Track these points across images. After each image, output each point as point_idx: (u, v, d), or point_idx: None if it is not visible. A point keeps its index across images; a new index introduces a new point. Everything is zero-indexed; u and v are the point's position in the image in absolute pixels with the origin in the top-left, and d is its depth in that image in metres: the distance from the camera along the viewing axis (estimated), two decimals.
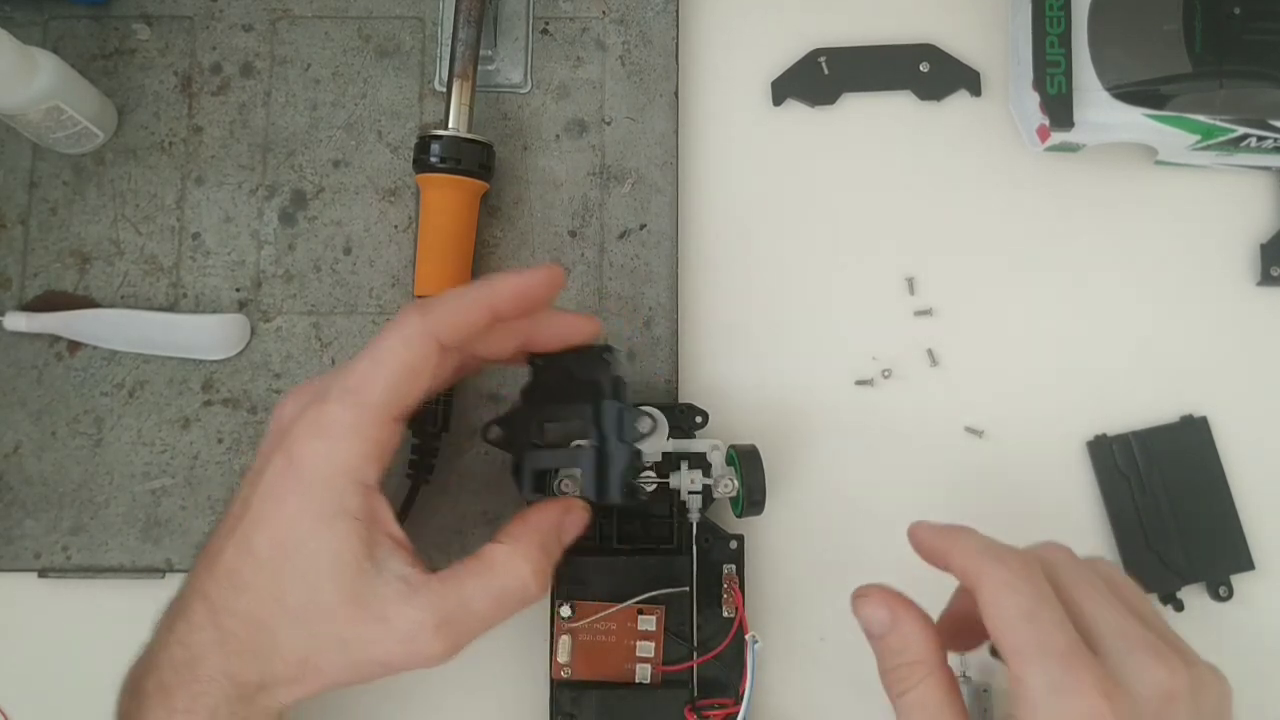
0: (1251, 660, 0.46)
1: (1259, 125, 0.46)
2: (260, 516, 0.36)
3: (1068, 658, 0.33)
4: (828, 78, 0.51)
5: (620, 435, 0.39)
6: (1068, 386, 0.49)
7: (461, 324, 0.37)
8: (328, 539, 0.35)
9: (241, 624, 0.35)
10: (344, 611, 0.35)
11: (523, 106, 0.50)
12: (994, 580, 0.35)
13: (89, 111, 0.47)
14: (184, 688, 0.35)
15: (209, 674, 0.35)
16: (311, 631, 0.35)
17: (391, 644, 0.35)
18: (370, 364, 0.36)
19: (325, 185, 0.49)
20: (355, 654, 0.35)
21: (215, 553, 0.37)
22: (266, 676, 0.35)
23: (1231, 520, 0.47)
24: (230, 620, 0.35)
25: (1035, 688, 0.33)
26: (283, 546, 0.35)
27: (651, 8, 0.50)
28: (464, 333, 0.37)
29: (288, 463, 0.35)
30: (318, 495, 0.35)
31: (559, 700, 0.43)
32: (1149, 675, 0.34)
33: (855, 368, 0.49)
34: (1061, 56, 0.46)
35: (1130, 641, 0.35)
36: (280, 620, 0.35)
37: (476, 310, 0.37)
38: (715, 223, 0.50)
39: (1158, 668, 0.34)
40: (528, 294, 0.38)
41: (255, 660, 0.35)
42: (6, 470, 0.47)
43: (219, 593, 0.36)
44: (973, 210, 0.50)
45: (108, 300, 0.48)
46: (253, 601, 0.35)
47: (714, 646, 0.43)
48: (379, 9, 0.50)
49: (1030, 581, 0.35)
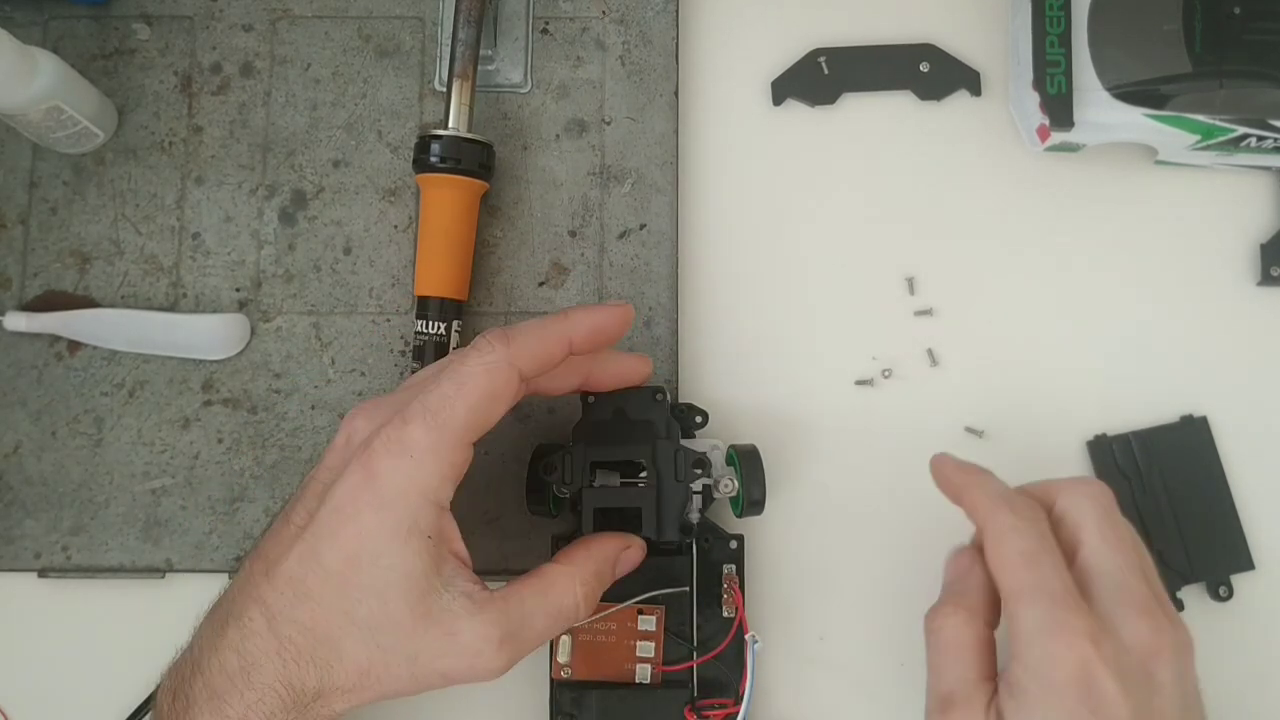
0: (1252, 660, 0.46)
1: (1259, 125, 0.46)
2: (331, 528, 0.36)
3: (1060, 601, 0.35)
4: (828, 78, 0.51)
5: (676, 475, 0.41)
6: (1068, 386, 0.49)
7: (541, 356, 0.38)
8: (401, 555, 0.35)
9: (302, 633, 0.35)
10: (413, 625, 0.35)
11: (523, 106, 0.50)
12: (999, 523, 0.37)
13: (89, 111, 0.47)
14: (238, 694, 0.35)
15: (266, 682, 0.35)
16: (378, 644, 0.35)
17: (456, 657, 0.36)
18: (454, 387, 0.36)
19: (325, 185, 0.49)
20: (421, 666, 0.36)
21: (274, 560, 0.37)
22: (325, 686, 0.36)
23: (1231, 520, 0.47)
24: (291, 629, 0.35)
25: (1027, 627, 0.35)
26: (354, 559, 0.35)
27: (651, 8, 0.50)
28: (543, 365, 0.38)
29: (366, 478, 0.36)
30: (395, 512, 0.35)
31: (559, 700, 0.43)
32: (1136, 628, 0.35)
33: (855, 368, 0.49)
34: (1061, 56, 0.46)
35: (1123, 594, 0.36)
36: (346, 632, 0.35)
37: (556, 343, 0.38)
38: (715, 223, 0.50)
39: (1145, 622, 0.36)
40: (604, 329, 0.39)
41: (314, 670, 0.35)
42: (6, 470, 0.47)
43: (279, 601, 0.36)
44: (973, 210, 0.50)
45: (108, 300, 0.48)
46: (316, 612, 0.35)
47: (714, 646, 0.43)
48: (379, 9, 0.50)
49: (1034, 526, 0.37)
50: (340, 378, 0.48)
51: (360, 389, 0.48)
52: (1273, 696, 0.46)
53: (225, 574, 0.46)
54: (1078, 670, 0.34)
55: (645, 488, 0.41)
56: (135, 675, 0.46)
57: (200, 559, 0.46)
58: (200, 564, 0.46)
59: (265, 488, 0.47)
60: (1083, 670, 0.34)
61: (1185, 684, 0.36)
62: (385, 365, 0.48)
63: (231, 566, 0.46)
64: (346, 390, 0.48)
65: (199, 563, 0.46)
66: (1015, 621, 0.36)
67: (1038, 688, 0.35)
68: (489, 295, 0.48)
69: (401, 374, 0.48)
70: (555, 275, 0.48)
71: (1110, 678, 0.34)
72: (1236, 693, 0.46)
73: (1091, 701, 0.34)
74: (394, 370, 0.48)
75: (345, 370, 0.48)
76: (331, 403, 0.47)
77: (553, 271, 0.48)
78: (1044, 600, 0.35)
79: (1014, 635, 0.36)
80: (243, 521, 0.47)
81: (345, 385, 0.48)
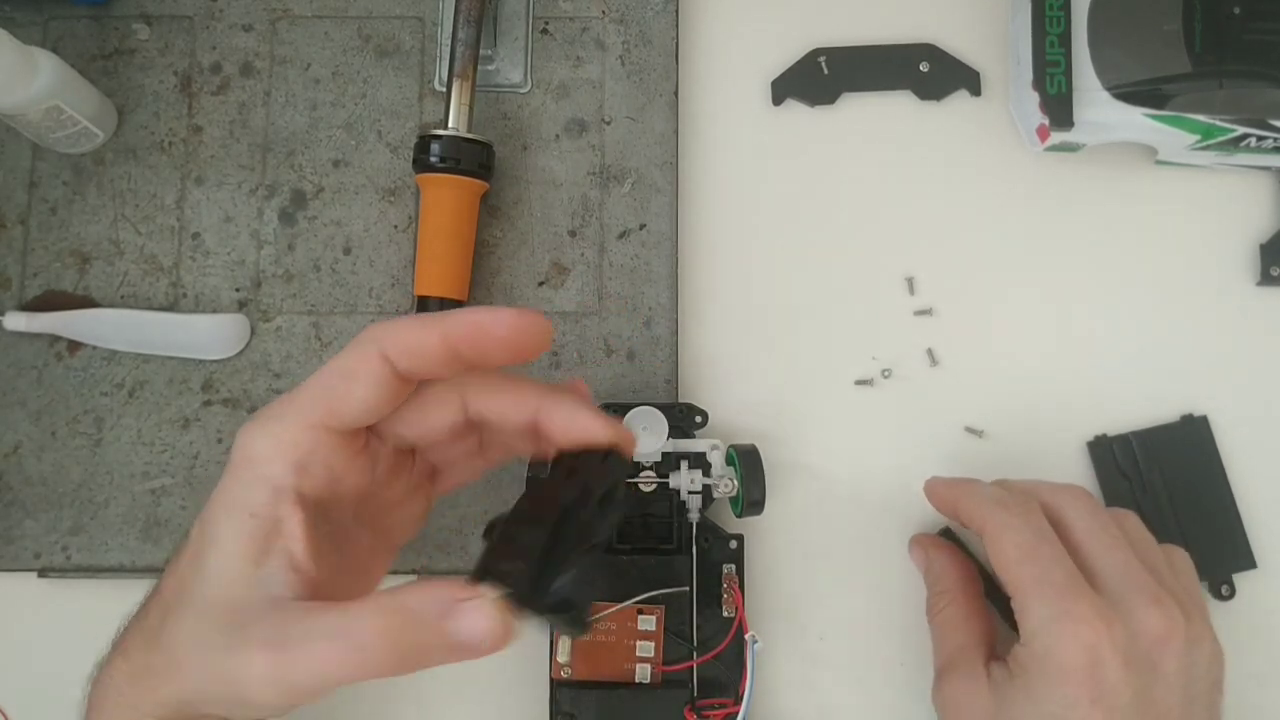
0: (1254, 659, 0.46)
1: (1259, 125, 0.46)
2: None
3: (1066, 589, 0.36)
4: (828, 77, 0.51)
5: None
6: (1068, 386, 0.48)
7: (412, 341, 0.33)
8: (225, 527, 0.32)
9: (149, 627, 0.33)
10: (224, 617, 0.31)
11: (522, 106, 0.50)
12: (997, 524, 0.38)
13: (89, 111, 0.47)
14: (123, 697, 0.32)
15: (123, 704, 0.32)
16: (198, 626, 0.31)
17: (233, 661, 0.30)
18: (314, 374, 0.33)
19: (325, 185, 0.49)
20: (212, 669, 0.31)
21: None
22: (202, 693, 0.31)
23: (1233, 519, 0.47)
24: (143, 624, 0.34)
25: (1036, 618, 0.36)
26: (200, 535, 0.33)
27: (651, 8, 0.50)
28: (413, 351, 0.33)
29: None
30: (227, 482, 0.32)
31: (559, 700, 0.43)
32: (1145, 615, 0.36)
33: (855, 368, 0.49)
34: (1061, 56, 0.46)
35: (1131, 583, 0.37)
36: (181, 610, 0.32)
37: (428, 333, 0.33)
38: (715, 223, 0.50)
39: (1154, 609, 0.36)
40: (486, 329, 0.33)
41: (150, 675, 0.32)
42: (6, 470, 0.47)
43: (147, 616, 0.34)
44: (973, 210, 0.50)
45: (108, 300, 0.48)
46: (165, 591, 0.33)
47: (714, 646, 0.43)
48: (379, 9, 0.50)
49: (1030, 523, 0.38)
50: None
51: None
52: (1275, 695, 0.46)
53: None
54: (1087, 654, 0.35)
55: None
56: None
57: None
58: None
59: None
60: (1092, 654, 0.35)
61: (1192, 676, 0.36)
62: None
63: None
64: None
65: None
66: (1024, 616, 0.36)
67: (1044, 671, 0.35)
68: (489, 295, 0.48)
69: None
70: (555, 275, 0.48)
71: (1117, 662, 0.35)
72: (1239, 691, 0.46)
73: (1094, 685, 0.34)
74: None
75: None
76: None
77: (553, 271, 0.48)
78: (1050, 592, 0.36)
79: (1024, 628, 0.37)
80: None
81: None
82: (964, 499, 0.41)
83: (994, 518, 0.38)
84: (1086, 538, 0.38)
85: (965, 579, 0.43)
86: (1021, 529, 0.38)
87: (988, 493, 0.40)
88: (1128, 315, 0.49)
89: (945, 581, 0.43)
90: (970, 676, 0.39)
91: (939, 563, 0.43)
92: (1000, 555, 0.38)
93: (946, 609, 0.42)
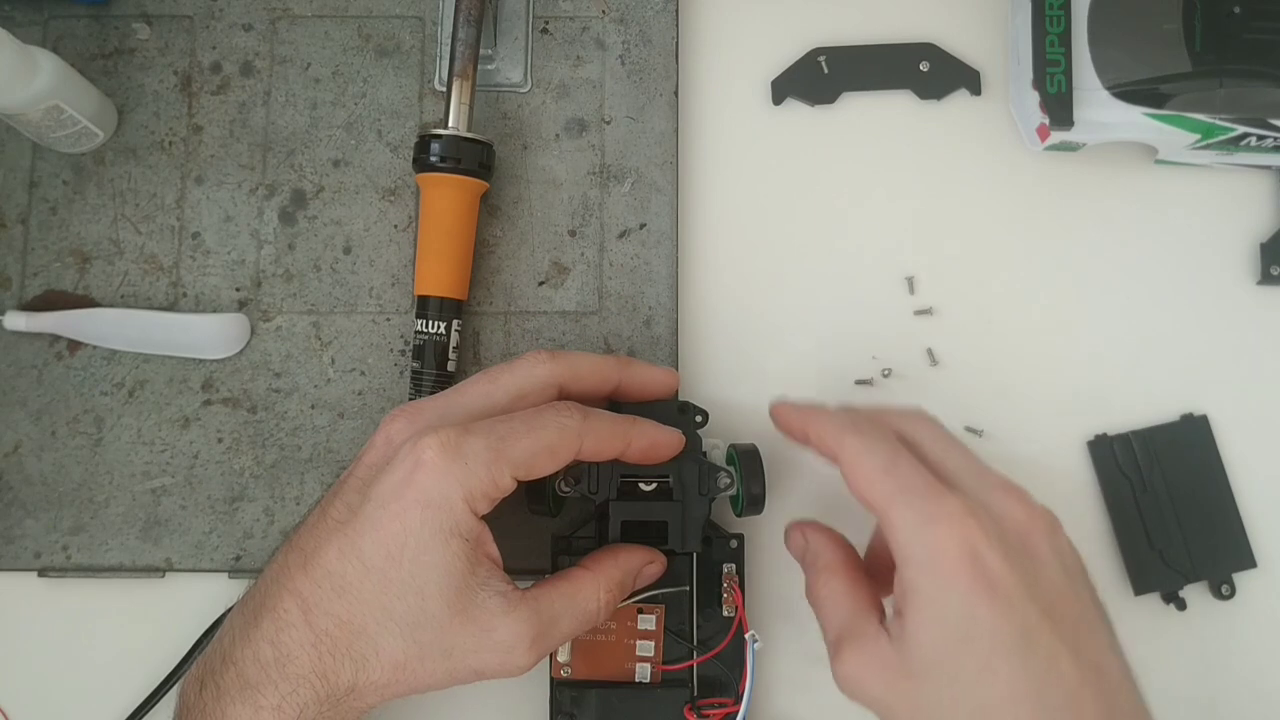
0: (1255, 658, 0.46)
1: (1259, 124, 0.46)
2: (374, 524, 0.36)
3: (929, 492, 0.36)
4: (828, 77, 0.51)
5: (700, 490, 0.42)
6: (1068, 386, 0.48)
7: (604, 445, 0.39)
8: (442, 553, 0.36)
9: (339, 627, 0.36)
10: (450, 622, 0.36)
11: (522, 106, 0.50)
12: (850, 448, 0.38)
13: (89, 111, 0.47)
14: (272, 685, 0.35)
15: (300, 673, 0.35)
16: (415, 639, 0.36)
17: (490, 654, 0.37)
18: (525, 427, 0.37)
19: (325, 185, 0.49)
20: (456, 662, 0.37)
21: (311, 552, 0.37)
22: (360, 680, 0.36)
23: (1233, 518, 0.47)
24: (327, 622, 0.36)
25: (905, 526, 0.36)
26: (396, 555, 0.36)
27: (651, 7, 0.50)
28: (600, 454, 0.39)
29: (414, 474, 0.36)
30: (440, 512, 0.36)
31: (559, 700, 0.43)
32: (1006, 505, 0.37)
33: (855, 367, 0.49)
34: (1061, 55, 0.46)
35: (985, 481, 0.38)
36: (383, 626, 0.36)
37: (617, 440, 0.39)
38: (715, 222, 0.50)
39: (1013, 499, 0.37)
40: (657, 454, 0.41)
41: (350, 663, 0.36)
42: (6, 470, 0.47)
43: (316, 594, 0.36)
44: (973, 209, 0.50)
45: (108, 300, 0.48)
46: (354, 605, 0.36)
47: (714, 646, 0.43)
48: (379, 8, 0.50)
49: (883, 441, 0.38)
50: (340, 377, 0.48)
51: (360, 388, 0.48)
52: (1276, 694, 0.46)
53: (225, 573, 0.46)
54: (964, 549, 0.34)
55: (671, 502, 0.42)
56: (135, 674, 0.46)
57: (200, 558, 0.46)
58: (200, 563, 0.46)
59: (265, 487, 0.47)
60: (968, 548, 0.34)
61: (1064, 555, 0.37)
62: (385, 365, 0.48)
63: (231, 566, 0.46)
64: (346, 390, 0.47)
65: (199, 562, 0.46)
66: (893, 529, 0.36)
67: (929, 580, 0.35)
68: (489, 295, 0.48)
69: (401, 373, 0.48)
70: (555, 274, 0.48)
71: (995, 553, 0.35)
72: (1239, 690, 0.46)
73: (983, 579, 0.34)
74: (394, 370, 0.48)
75: (345, 370, 0.48)
76: (331, 402, 0.47)
77: (553, 271, 0.48)
78: (913, 498, 0.36)
79: (895, 543, 0.36)
80: (242, 521, 0.47)
81: (345, 385, 0.48)
82: (815, 425, 0.40)
83: (848, 443, 0.38)
84: (935, 446, 0.39)
85: (845, 553, 0.41)
86: (877, 448, 0.38)
87: (839, 419, 0.40)
88: (1128, 315, 0.49)
89: (824, 557, 0.41)
90: (866, 637, 0.37)
91: (816, 541, 0.42)
92: (859, 477, 0.38)
93: (829, 582, 0.40)
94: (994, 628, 0.34)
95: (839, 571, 0.40)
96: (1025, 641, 0.34)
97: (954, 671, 0.34)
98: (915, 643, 0.35)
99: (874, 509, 0.37)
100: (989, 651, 0.34)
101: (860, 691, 0.37)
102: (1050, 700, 0.33)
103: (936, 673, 0.34)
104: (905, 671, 0.35)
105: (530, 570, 0.46)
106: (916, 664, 0.35)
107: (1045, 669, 0.34)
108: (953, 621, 0.34)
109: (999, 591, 0.34)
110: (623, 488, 0.41)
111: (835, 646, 0.38)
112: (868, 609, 0.38)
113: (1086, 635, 0.35)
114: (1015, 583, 0.34)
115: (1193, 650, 0.46)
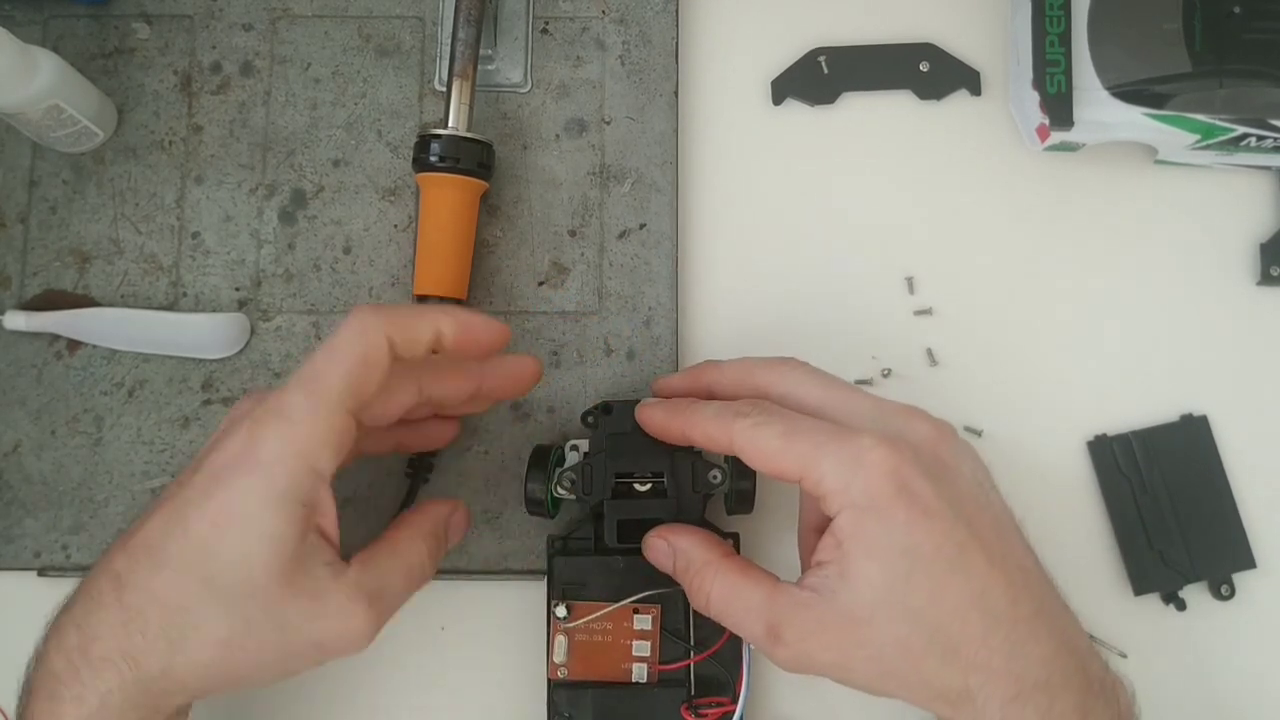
0: (1255, 658, 0.46)
1: (1259, 125, 0.46)
2: (201, 494, 0.35)
3: (841, 438, 0.36)
4: (828, 77, 0.51)
5: (694, 488, 0.42)
6: (1068, 386, 0.48)
7: (411, 331, 0.36)
8: (273, 520, 0.34)
9: (152, 602, 0.34)
10: (280, 592, 0.34)
11: (522, 106, 0.50)
12: (742, 432, 0.37)
13: (89, 111, 0.47)
14: (74, 673, 0.33)
15: (105, 655, 0.33)
16: (242, 613, 0.34)
17: (327, 621, 0.35)
18: (326, 356, 0.35)
19: (325, 184, 0.49)
20: (291, 635, 0.35)
21: (134, 529, 0.36)
22: (175, 662, 0.34)
23: (1233, 518, 0.47)
24: (139, 598, 0.34)
25: (830, 475, 0.35)
26: (221, 524, 0.34)
27: (651, 7, 0.50)
28: (412, 340, 0.37)
29: (245, 444, 0.35)
30: (270, 476, 0.34)
31: (556, 701, 0.43)
32: (913, 426, 0.37)
33: (855, 367, 0.49)
34: (1061, 56, 0.46)
35: (882, 410, 0.38)
36: (205, 600, 0.34)
37: (426, 325, 0.37)
38: (715, 223, 0.50)
39: (920, 422, 0.37)
40: (474, 331, 0.38)
41: (164, 643, 0.34)
42: (6, 469, 0.47)
43: (131, 569, 0.34)
44: (973, 209, 0.50)
45: (107, 299, 0.48)
46: (173, 579, 0.34)
47: (710, 645, 0.43)
48: (379, 8, 0.50)
49: (768, 412, 0.37)
50: None
51: None
52: (1275, 694, 0.46)
53: None
54: (893, 481, 0.34)
55: (666, 500, 0.42)
56: None
57: None
58: None
59: None
60: (897, 480, 0.34)
61: (970, 461, 0.38)
62: None
63: None
64: None
65: None
66: (820, 484, 0.35)
67: (869, 519, 0.35)
68: (489, 295, 0.48)
69: None
70: (555, 275, 0.48)
71: (921, 478, 0.35)
72: (1239, 690, 0.46)
73: (918, 506, 0.34)
74: None
75: None
76: None
77: (552, 271, 0.48)
78: (827, 450, 0.35)
79: (826, 497, 0.35)
80: None
81: None
82: (695, 424, 0.39)
83: (737, 427, 0.37)
84: (814, 392, 0.39)
85: (716, 542, 0.40)
86: (768, 422, 0.37)
87: (712, 409, 0.38)
88: (1127, 315, 0.49)
89: (701, 553, 0.39)
90: (799, 608, 0.36)
91: (684, 542, 0.39)
92: (764, 455, 0.36)
93: (719, 576, 0.38)
94: (936, 549, 0.34)
95: (723, 563, 0.38)
96: (961, 555, 0.35)
97: (905, 601, 0.34)
98: (864, 585, 0.35)
99: (791, 477, 0.36)
100: (936, 572, 0.34)
101: (811, 663, 0.36)
102: (992, 605, 0.34)
103: (886, 609, 0.34)
104: (853, 621, 0.35)
105: (530, 570, 0.46)
106: (864, 609, 0.35)
107: (983, 577, 0.35)
108: (897, 553, 0.34)
109: (933, 514, 0.34)
110: (617, 488, 0.41)
111: (771, 633, 0.36)
112: (777, 585, 0.37)
113: (1007, 538, 0.36)
114: (943, 503, 0.35)
115: (1193, 650, 0.46)
